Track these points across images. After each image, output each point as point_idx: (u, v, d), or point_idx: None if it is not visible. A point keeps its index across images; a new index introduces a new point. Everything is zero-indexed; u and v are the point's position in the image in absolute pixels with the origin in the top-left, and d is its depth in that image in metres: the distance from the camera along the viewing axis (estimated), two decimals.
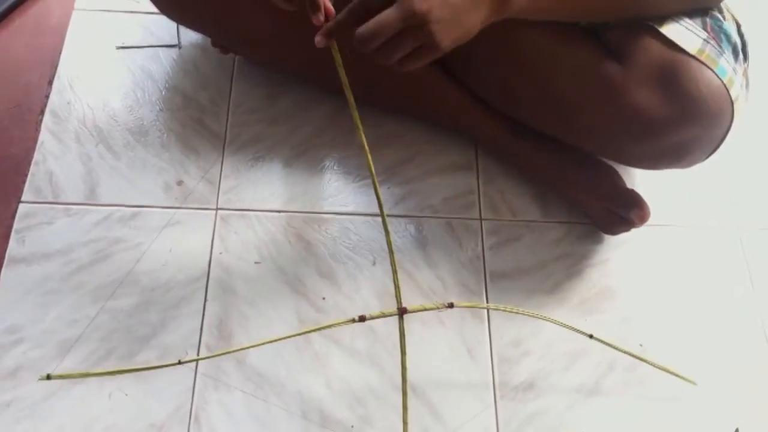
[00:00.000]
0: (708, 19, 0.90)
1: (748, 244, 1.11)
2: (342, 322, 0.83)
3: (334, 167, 1.10)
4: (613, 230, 1.06)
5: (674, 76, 0.85)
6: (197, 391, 0.92)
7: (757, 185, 1.17)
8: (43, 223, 1.01)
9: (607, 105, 0.89)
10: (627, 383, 0.97)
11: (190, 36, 1.19)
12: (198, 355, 0.93)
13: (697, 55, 0.85)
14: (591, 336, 0.90)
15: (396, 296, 0.83)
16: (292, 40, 1.01)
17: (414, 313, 0.98)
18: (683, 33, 0.86)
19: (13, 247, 0.99)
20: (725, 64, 0.87)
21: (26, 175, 1.04)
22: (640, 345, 1.00)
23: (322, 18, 0.74)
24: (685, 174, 1.03)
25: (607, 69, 0.88)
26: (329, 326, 0.84)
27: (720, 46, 0.88)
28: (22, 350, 0.92)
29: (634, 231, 1.04)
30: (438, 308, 0.85)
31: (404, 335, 0.82)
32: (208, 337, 0.95)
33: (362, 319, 0.83)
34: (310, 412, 0.92)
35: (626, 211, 1.00)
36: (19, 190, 1.03)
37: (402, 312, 0.83)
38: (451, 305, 0.85)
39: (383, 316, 0.84)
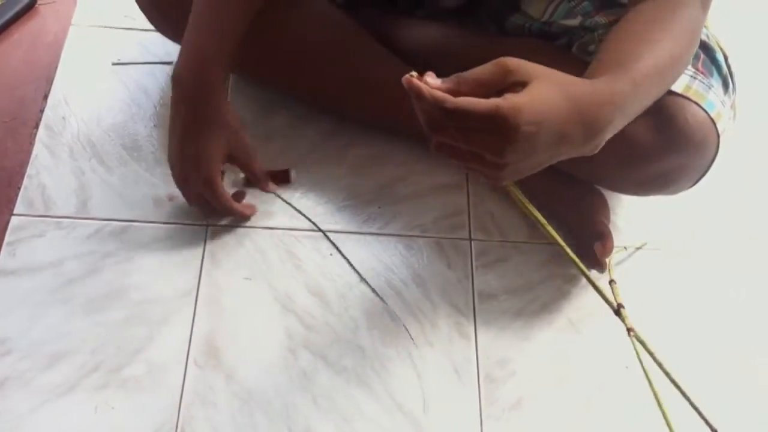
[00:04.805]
0: (702, 53, 0.91)
1: (740, 277, 1.12)
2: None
3: (326, 185, 1.10)
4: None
5: (660, 109, 0.86)
6: (184, 406, 0.92)
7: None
8: (34, 235, 1.01)
9: None
10: (616, 400, 0.98)
11: None
12: (185, 373, 0.94)
13: (684, 92, 0.86)
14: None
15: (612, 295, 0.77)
16: (282, 60, 1.02)
17: (408, 335, 0.99)
18: None
19: (4, 259, 0.99)
20: (714, 98, 0.88)
21: (19, 188, 1.04)
22: (626, 367, 1.00)
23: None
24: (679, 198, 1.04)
25: None
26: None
27: (709, 80, 0.89)
28: (9, 362, 0.92)
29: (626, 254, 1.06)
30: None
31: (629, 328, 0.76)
32: (196, 353, 0.95)
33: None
34: (296, 430, 0.92)
35: (591, 240, 1.02)
36: (12, 203, 1.03)
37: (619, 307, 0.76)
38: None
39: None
